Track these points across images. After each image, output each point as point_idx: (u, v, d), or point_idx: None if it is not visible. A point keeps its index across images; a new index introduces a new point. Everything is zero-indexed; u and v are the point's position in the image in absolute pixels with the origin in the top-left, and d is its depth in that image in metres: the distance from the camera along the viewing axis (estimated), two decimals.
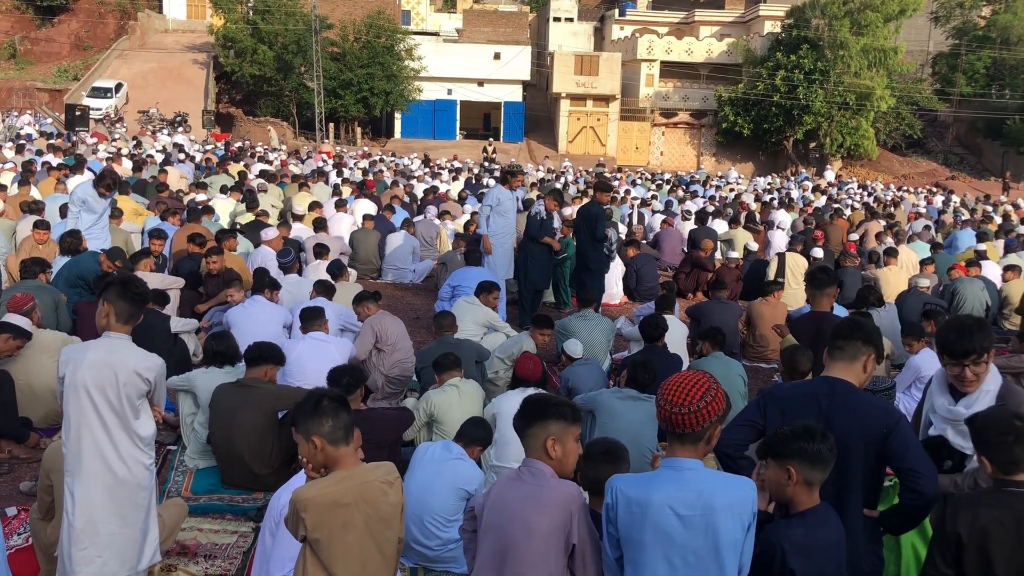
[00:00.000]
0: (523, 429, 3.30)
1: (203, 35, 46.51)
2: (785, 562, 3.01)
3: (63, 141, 25.47)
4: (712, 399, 2.99)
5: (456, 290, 9.64)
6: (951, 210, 23.79)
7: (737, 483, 3.02)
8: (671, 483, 2.98)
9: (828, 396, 3.44)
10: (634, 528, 2.98)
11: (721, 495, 2.95)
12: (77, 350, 3.92)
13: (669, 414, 2.99)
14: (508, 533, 3.21)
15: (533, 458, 3.27)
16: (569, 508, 3.16)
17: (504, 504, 3.26)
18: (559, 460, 3.23)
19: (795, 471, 3.09)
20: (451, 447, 4.96)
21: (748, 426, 3.53)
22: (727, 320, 9.27)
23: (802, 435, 3.10)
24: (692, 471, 2.99)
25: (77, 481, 3.84)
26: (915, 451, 3.33)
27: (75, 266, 8.57)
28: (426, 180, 23.16)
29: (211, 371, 6.21)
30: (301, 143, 39.80)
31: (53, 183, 14.11)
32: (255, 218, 12.69)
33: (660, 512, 2.94)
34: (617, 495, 3.02)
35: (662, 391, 3.04)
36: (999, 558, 3.02)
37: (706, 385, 3.01)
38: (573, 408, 3.31)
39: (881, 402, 3.51)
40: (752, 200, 22.79)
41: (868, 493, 3.43)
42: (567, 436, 3.24)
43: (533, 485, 3.21)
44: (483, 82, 46.75)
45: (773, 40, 43.88)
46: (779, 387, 3.75)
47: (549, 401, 3.32)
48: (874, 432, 3.34)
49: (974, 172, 46.14)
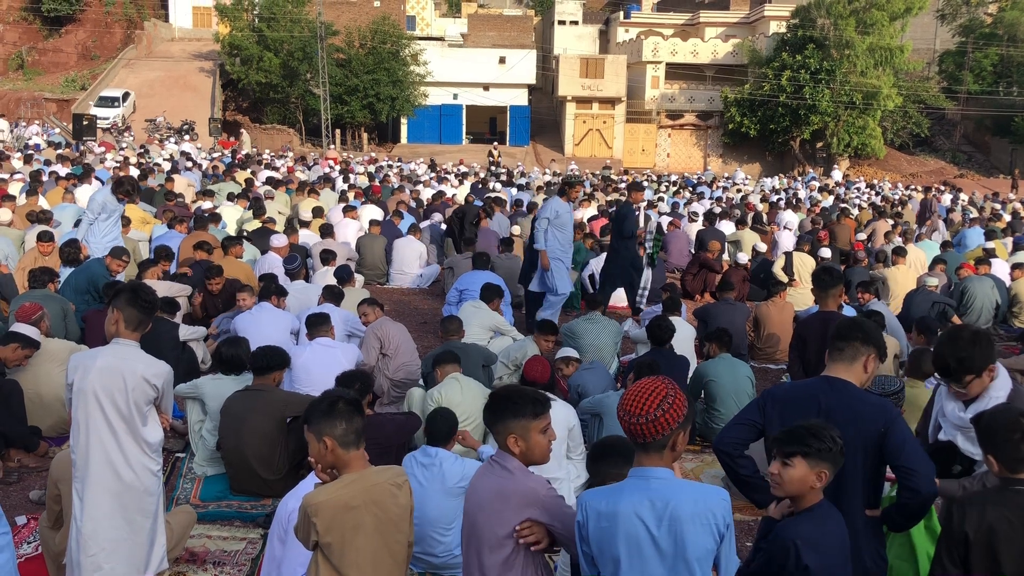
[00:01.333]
0: (489, 426, 3.36)
1: (209, 43, 46.74)
2: (800, 558, 2.99)
3: (71, 151, 25.60)
4: (669, 407, 2.92)
5: (463, 294, 9.65)
6: (959, 208, 23.71)
7: (706, 492, 2.96)
8: (638, 492, 2.93)
9: (826, 395, 3.46)
10: (606, 542, 2.93)
11: (688, 505, 2.88)
12: (86, 356, 3.96)
13: (628, 425, 2.95)
14: (476, 523, 3.27)
15: (503, 451, 3.31)
16: (532, 503, 3.19)
17: (476, 494, 3.32)
18: (523, 454, 3.25)
19: (827, 474, 3.06)
20: (428, 451, 4.92)
21: (747, 425, 3.54)
22: (734, 321, 9.24)
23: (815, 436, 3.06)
24: (660, 480, 2.94)
25: (85, 486, 3.87)
26: (911, 449, 3.32)
27: (83, 274, 8.60)
28: (432, 185, 23.19)
29: (219, 378, 6.23)
30: (308, 150, 39.90)
31: (61, 193, 14.18)
32: (262, 225, 12.72)
33: (628, 521, 2.89)
34: (587, 511, 2.99)
35: (621, 402, 3.00)
36: (1006, 556, 3.01)
37: (663, 392, 2.95)
38: (535, 402, 3.29)
39: (878, 400, 3.50)
40: (759, 201, 22.76)
41: (869, 492, 3.43)
42: (529, 431, 3.24)
43: (501, 477, 3.25)
44: (488, 86, 46.82)
45: (778, 40, 43.80)
46: (779, 387, 3.74)
47: (510, 399, 3.30)
48: (872, 431, 3.35)
49: (982, 170, 45.98)
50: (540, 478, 3.30)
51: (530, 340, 7.54)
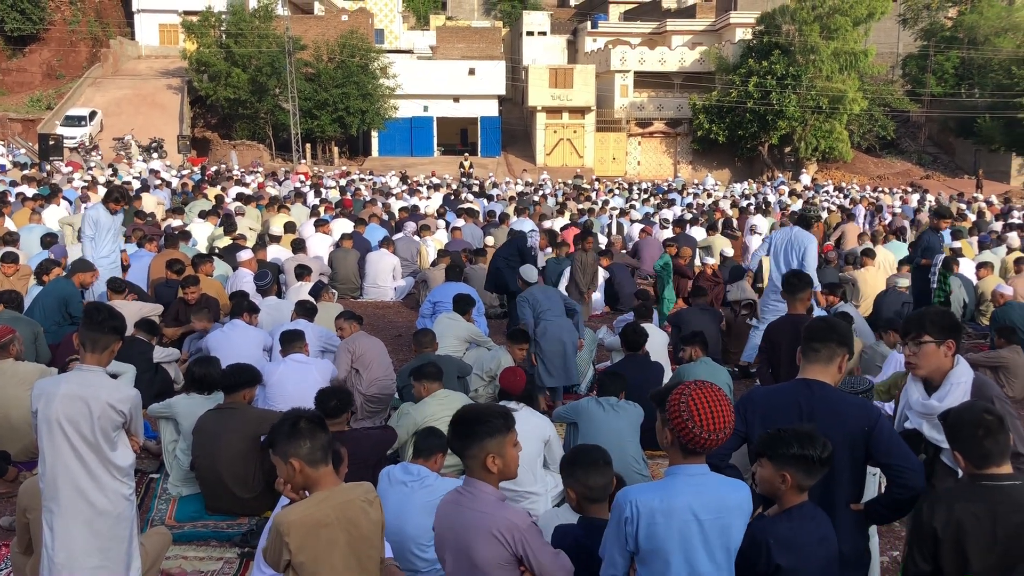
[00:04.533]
0: (461, 451, 3.28)
1: (176, 60, 46.40)
2: (771, 557, 3.05)
3: (37, 171, 25.29)
4: (732, 413, 3.04)
5: (437, 306, 9.64)
6: (926, 209, 24.01)
7: (738, 485, 3.11)
8: (689, 488, 3.01)
9: (807, 398, 3.49)
10: (658, 539, 2.98)
11: (732, 496, 3.04)
12: (50, 384, 3.89)
13: (711, 443, 2.98)
14: (455, 557, 3.24)
15: (474, 478, 3.25)
16: (514, 539, 3.16)
17: (450, 530, 3.27)
18: (501, 472, 3.23)
19: (791, 477, 3.12)
20: (410, 468, 4.81)
21: (733, 435, 3.53)
22: (708, 326, 9.29)
23: (803, 441, 3.12)
24: (705, 476, 3.05)
25: (55, 516, 3.80)
26: (898, 447, 3.40)
27: (51, 294, 8.48)
28: (404, 197, 23.17)
29: (192, 397, 6.18)
30: (278, 165, 39.71)
31: (28, 214, 14.01)
32: (232, 241, 12.64)
33: (683, 517, 2.96)
34: (638, 508, 2.99)
35: (696, 419, 2.97)
36: (974, 551, 3.04)
37: (727, 402, 3.03)
38: (504, 416, 3.27)
39: (860, 401, 3.56)
40: (729, 206, 22.93)
41: (853, 489, 3.48)
42: (504, 447, 3.23)
43: (474, 511, 3.20)
44: (459, 98, 46.90)
45: (745, 47, 44.27)
46: (756, 392, 3.76)
47: (479, 419, 3.25)
48: (856, 431, 3.39)
49: (947, 171, 46.64)
50: (519, 509, 3.29)
51: (503, 350, 7.56)
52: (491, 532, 3.16)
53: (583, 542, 3.55)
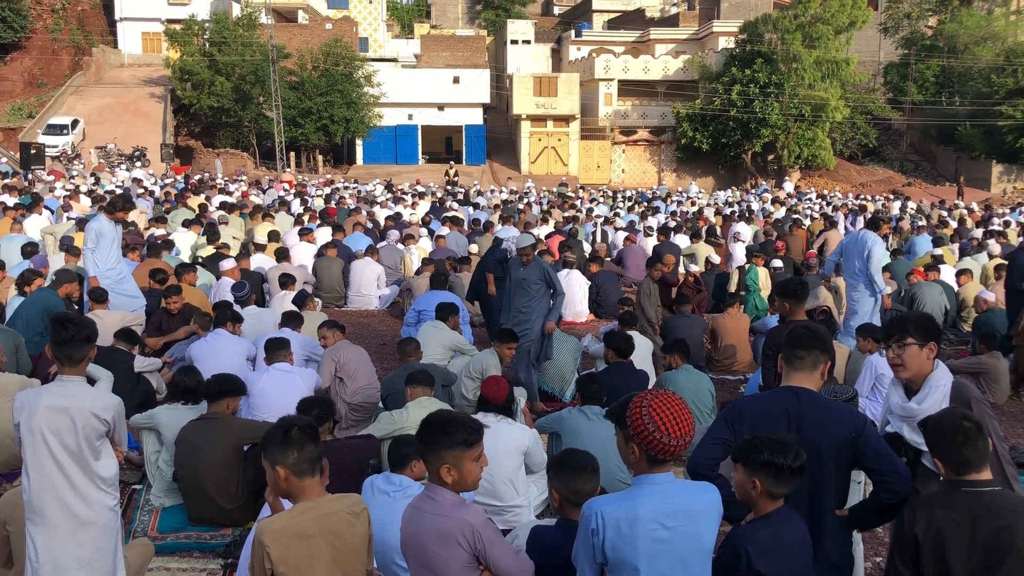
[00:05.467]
0: (422, 455, 3.33)
1: (159, 69, 46.25)
2: (751, 564, 3.07)
3: (19, 180, 25.14)
4: (692, 416, 3.05)
5: (421, 315, 9.62)
6: (908, 216, 24.20)
7: (707, 489, 3.12)
8: (654, 497, 3.00)
9: (795, 406, 3.50)
10: (626, 549, 2.97)
11: (699, 500, 3.05)
12: (31, 396, 3.85)
13: (674, 449, 2.97)
14: (418, 563, 3.28)
15: (433, 483, 3.28)
16: (469, 537, 3.19)
17: (411, 533, 3.31)
18: (455, 483, 3.24)
19: (760, 484, 3.15)
20: (392, 478, 4.77)
21: (720, 444, 3.54)
22: (692, 333, 9.33)
23: (775, 449, 3.13)
24: (670, 484, 3.04)
25: (40, 528, 3.77)
26: (885, 453, 3.43)
27: (34, 305, 8.42)
28: (389, 206, 23.15)
29: (175, 408, 6.15)
30: (262, 173, 39.60)
31: (9, 223, 13.90)
32: (216, 251, 12.59)
33: (649, 526, 2.96)
34: (603, 518, 2.98)
35: (663, 429, 2.97)
36: (954, 558, 3.07)
37: (685, 406, 3.04)
38: (469, 430, 3.27)
39: (847, 408, 3.58)
40: (713, 214, 23.03)
41: (838, 494, 3.50)
42: (462, 461, 3.23)
43: (433, 515, 3.24)
44: (443, 106, 46.96)
45: (728, 55, 44.53)
46: (743, 401, 3.77)
47: (443, 429, 3.26)
48: (844, 437, 3.42)
49: (929, 178, 47.05)
50: (475, 508, 3.31)
51: (491, 351, 7.49)
52: (451, 534, 3.18)
53: (560, 543, 3.54)
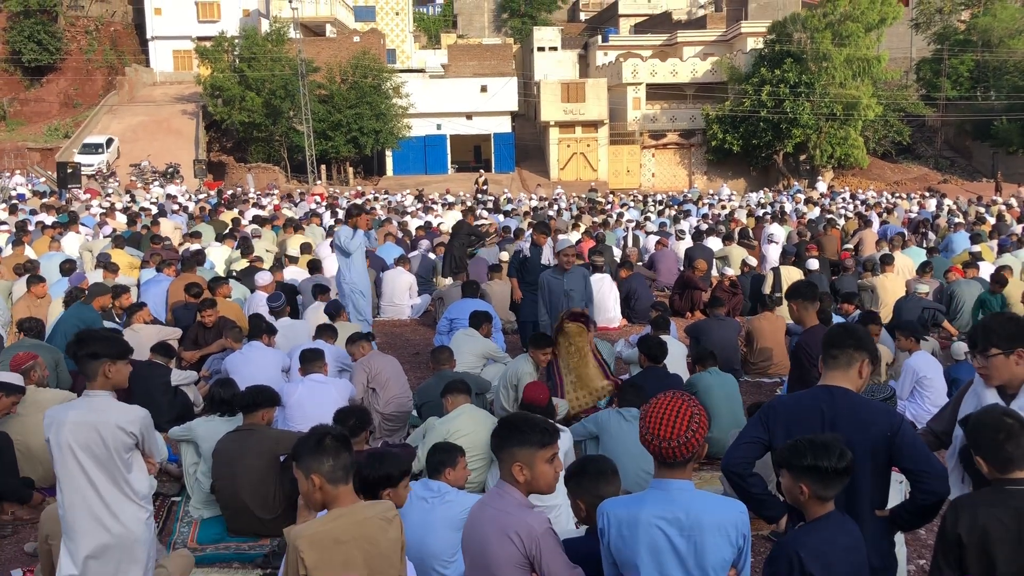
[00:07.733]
0: (496, 452, 3.39)
1: (191, 86, 46.87)
2: (804, 569, 3.01)
3: (56, 199, 25.58)
4: (698, 426, 2.97)
5: (454, 323, 9.64)
6: (944, 213, 23.85)
7: (726, 504, 3.04)
8: (659, 502, 2.99)
9: (829, 405, 3.46)
10: (627, 550, 2.99)
11: (710, 515, 2.97)
12: (59, 411, 3.91)
13: (658, 449, 2.97)
14: (473, 555, 3.30)
15: (504, 480, 3.32)
16: (527, 541, 3.19)
17: (472, 526, 3.35)
18: (527, 482, 3.28)
19: (807, 488, 3.09)
20: (430, 484, 4.78)
21: (754, 444, 3.52)
22: (726, 336, 9.25)
23: (817, 452, 3.08)
24: (681, 491, 3.00)
25: (73, 542, 3.82)
26: (921, 452, 3.36)
27: (71, 319, 8.54)
28: (419, 216, 23.24)
29: (211, 420, 6.20)
30: (294, 186, 39.96)
31: (47, 241, 14.15)
32: (250, 264, 12.71)
33: (649, 530, 2.95)
34: (608, 519, 3.05)
35: (645, 423, 3.00)
36: (1001, 557, 3.01)
37: (689, 412, 2.98)
38: (543, 432, 3.31)
39: (882, 406, 3.53)
40: (745, 216, 22.85)
41: (877, 494, 3.45)
42: (535, 460, 3.27)
43: (496, 510, 3.27)
44: (471, 115, 47.08)
45: (756, 56, 44.22)
46: (779, 400, 3.74)
47: (517, 427, 3.32)
48: (879, 436, 3.37)
49: (965, 174, 46.32)
50: (539, 514, 3.31)
51: (524, 357, 7.45)
52: (506, 532, 3.20)
53: (597, 552, 3.52)
